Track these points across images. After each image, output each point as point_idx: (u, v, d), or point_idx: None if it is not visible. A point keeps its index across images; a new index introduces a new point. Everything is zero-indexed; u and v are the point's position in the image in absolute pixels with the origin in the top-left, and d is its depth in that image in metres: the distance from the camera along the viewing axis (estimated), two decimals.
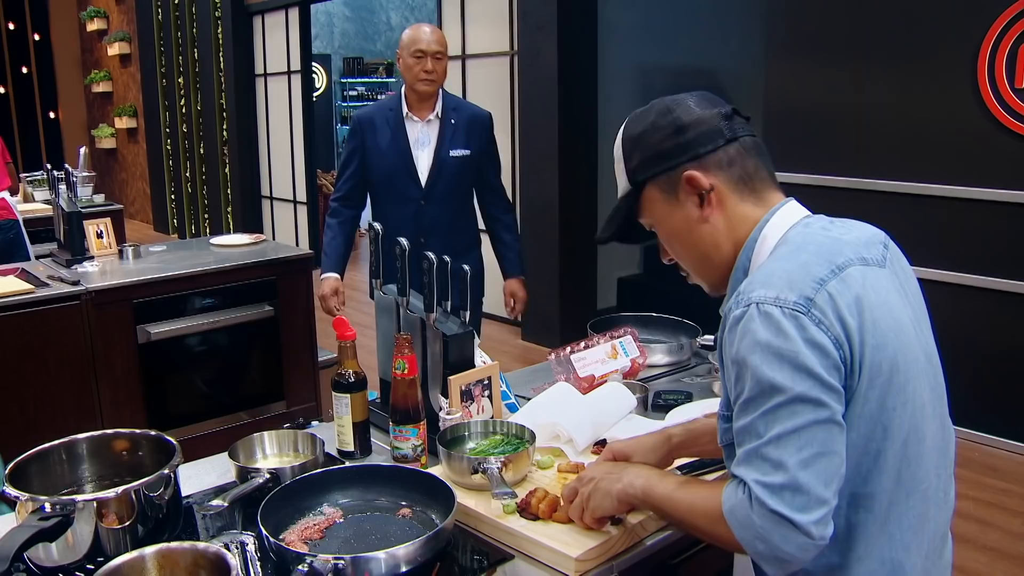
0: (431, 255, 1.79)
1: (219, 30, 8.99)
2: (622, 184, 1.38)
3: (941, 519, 1.28)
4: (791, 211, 1.30)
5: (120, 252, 4.09)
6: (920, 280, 1.35)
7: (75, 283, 3.57)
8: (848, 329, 1.13)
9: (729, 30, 5.83)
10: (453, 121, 3.26)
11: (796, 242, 1.23)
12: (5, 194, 5.49)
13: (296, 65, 8.38)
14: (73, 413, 3.54)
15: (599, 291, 6.20)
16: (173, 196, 10.31)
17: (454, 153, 3.25)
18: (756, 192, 1.30)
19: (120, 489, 1.38)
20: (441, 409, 1.76)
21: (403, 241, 1.86)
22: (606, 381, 2.06)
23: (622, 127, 1.38)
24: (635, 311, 2.75)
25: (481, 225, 3.54)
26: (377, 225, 1.95)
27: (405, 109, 3.23)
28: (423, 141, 3.24)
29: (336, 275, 3.32)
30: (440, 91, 3.26)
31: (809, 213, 1.32)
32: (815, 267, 1.17)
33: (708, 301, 1.44)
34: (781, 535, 1.10)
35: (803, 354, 1.11)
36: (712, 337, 2.42)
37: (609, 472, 1.42)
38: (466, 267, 1.82)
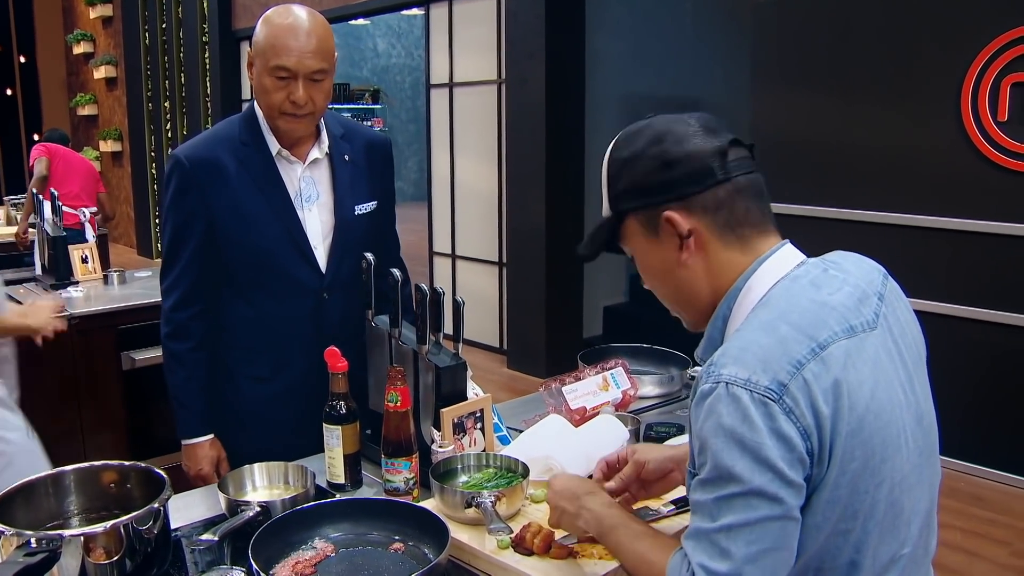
0: (423, 286, 1.78)
1: (206, 55, 9.01)
2: (605, 207, 1.30)
3: (922, 571, 1.25)
4: (782, 259, 1.22)
5: (105, 277, 4.06)
6: None
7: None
8: (820, 418, 1.07)
9: (716, 61, 5.89)
10: (347, 157, 2.11)
11: (778, 308, 1.15)
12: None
13: None
14: (55, 439, 3.48)
15: (585, 319, 6.20)
16: (158, 220, 10.27)
17: (360, 209, 2.11)
18: (743, 238, 1.22)
19: (108, 524, 1.35)
20: (433, 442, 1.74)
21: (396, 272, 1.85)
22: (598, 413, 2.06)
23: (612, 143, 1.29)
24: (621, 339, 2.75)
25: None
26: (370, 256, 1.92)
27: (274, 144, 2.03)
28: (310, 194, 2.06)
29: (209, 436, 2.11)
30: None
31: (804, 259, 1.24)
32: (794, 345, 1.09)
33: (698, 333, 1.41)
34: None
35: (766, 446, 1.05)
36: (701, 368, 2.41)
37: (571, 500, 1.38)
38: (461, 298, 1.82)
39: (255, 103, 2.04)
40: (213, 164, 1.99)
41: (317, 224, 2.07)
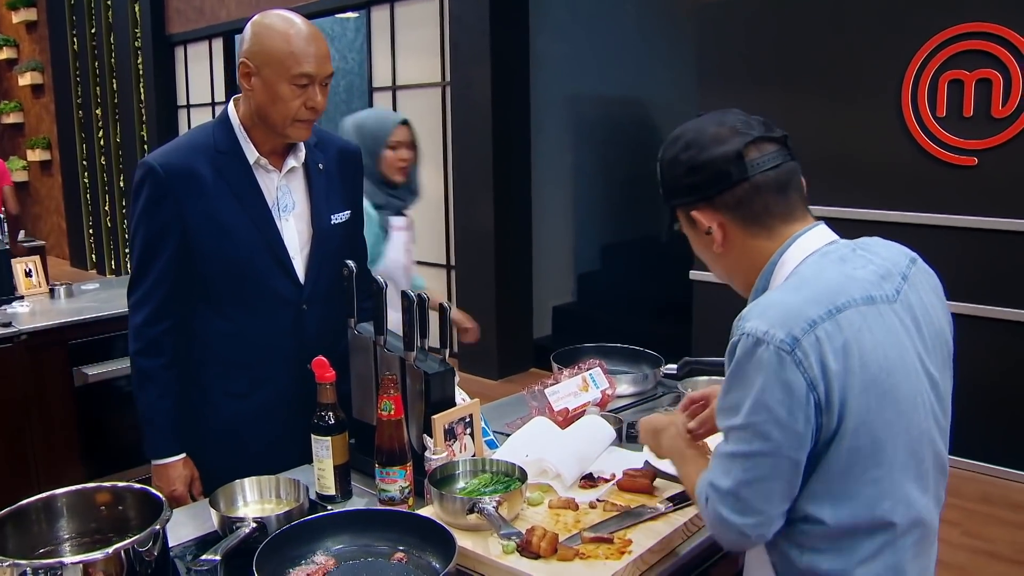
0: (410, 292, 1.77)
1: (139, 60, 8.80)
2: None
3: (936, 521, 1.37)
4: (814, 236, 1.35)
5: (51, 291, 3.95)
6: None
7: (6, 325, 3.44)
8: (828, 372, 1.19)
9: (661, 61, 5.95)
10: (321, 166, 2.08)
11: (805, 276, 1.29)
12: None
13: (220, 96, 8.24)
14: (5, 459, 3.40)
15: (535, 320, 6.22)
16: (91, 231, 10.01)
17: (336, 219, 2.09)
18: (768, 228, 1.35)
19: (110, 549, 1.31)
20: (426, 449, 1.74)
21: (379, 279, 1.84)
22: (581, 413, 2.07)
23: (663, 145, 1.44)
24: (571, 339, 2.78)
25: None
26: (352, 263, 1.90)
27: (252, 153, 1.97)
28: (286, 204, 2.01)
29: (182, 456, 2.03)
30: None
31: (835, 238, 1.37)
32: (812, 307, 1.22)
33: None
34: (721, 529, 1.28)
35: (768, 390, 1.20)
36: (674, 366, 2.46)
37: (653, 436, 1.65)
38: (448, 304, 1.81)
39: (231, 110, 1.99)
40: (189, 172, 1.91)
41: (294, 234, 2.02)
